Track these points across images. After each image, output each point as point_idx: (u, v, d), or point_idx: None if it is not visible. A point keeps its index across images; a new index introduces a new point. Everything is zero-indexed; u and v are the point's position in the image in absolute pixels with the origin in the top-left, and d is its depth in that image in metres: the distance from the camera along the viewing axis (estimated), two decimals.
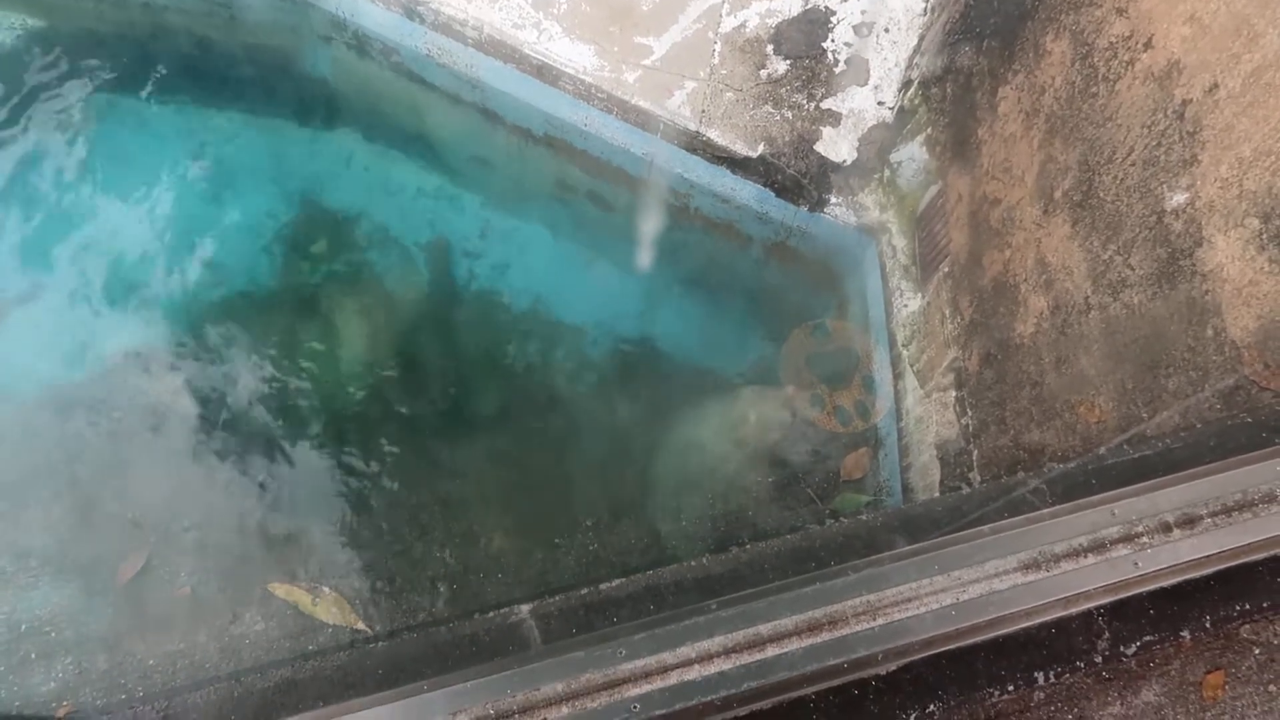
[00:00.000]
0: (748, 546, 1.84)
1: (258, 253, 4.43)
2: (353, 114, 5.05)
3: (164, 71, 4.96)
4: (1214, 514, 1.70)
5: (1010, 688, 1.67)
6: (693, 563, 1.80)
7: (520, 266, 4.63)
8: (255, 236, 4.47)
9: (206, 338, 4.16)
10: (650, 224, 4.81)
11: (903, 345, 4.11)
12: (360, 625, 3.17)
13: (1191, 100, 2.42)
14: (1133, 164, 2.63)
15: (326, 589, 3.25)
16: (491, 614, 1.74)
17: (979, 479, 3.22)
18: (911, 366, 3.98)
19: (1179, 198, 2.43)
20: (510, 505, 3.93)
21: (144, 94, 4.90)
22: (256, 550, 3.55)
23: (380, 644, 1.74)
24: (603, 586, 1.78)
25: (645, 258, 4.83)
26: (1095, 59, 2.87)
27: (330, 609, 3.18)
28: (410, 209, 4.69)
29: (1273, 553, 1.70)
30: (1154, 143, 2.55)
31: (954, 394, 3.57)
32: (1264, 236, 2.15)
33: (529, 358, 4.38)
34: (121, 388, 3.91)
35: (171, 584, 3.39)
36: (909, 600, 1.66)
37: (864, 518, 1.90)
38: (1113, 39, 2.79)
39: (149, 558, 3.41)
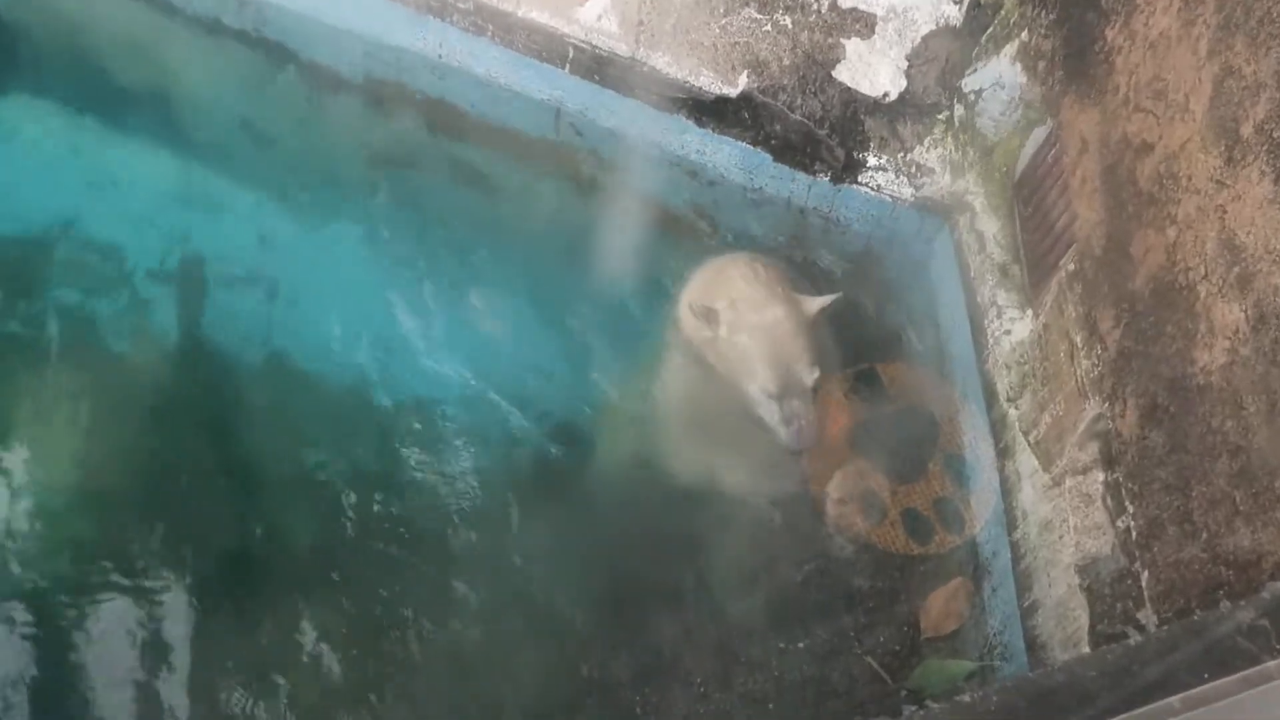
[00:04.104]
0: None
1: None
2: (37, 63, 5.07)
3: None
4: None
5: None
6: None
7: (335, 300, 4.67)
8: None
9: None
10: (560, 219, 4.82)
11: (1007, 400, 4.17)
12: None
13: None
14: None
15: None
16: None
17: (1154, 618, 3.25)
18: (1026, 435, 4.02)
19: None
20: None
21: None
22: None
23: None
24: None
25: (553, 278, 4.83)
26: None
27: None
28: (141, 216, 4.70)
29: None
30: None
31: (1101, 477, 3.61)
32: None
33: (363, 460, 4.37)
34: None
35: None
36: None
37: (967, 698, 1.94)
38: None
39: None
